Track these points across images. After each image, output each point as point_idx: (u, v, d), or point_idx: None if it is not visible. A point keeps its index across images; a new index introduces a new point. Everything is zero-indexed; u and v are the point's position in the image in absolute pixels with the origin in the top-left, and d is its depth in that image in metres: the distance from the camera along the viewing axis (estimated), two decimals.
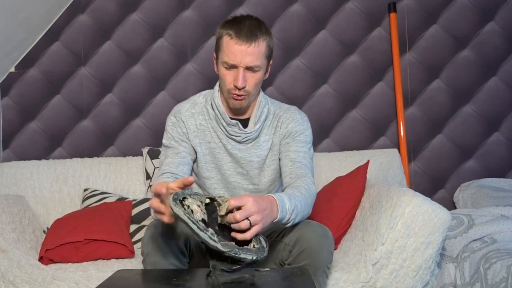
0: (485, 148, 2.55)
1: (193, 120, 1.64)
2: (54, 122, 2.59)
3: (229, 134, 1.61)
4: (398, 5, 2.56)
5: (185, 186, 1.22)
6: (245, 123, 1.63)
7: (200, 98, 1.68)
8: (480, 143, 2.55)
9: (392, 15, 2.52)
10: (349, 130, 2.57)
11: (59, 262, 1.88)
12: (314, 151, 2.53)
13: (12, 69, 2.59)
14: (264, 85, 2.56)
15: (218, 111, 1.60)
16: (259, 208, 1.22)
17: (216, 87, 1.65)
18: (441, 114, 2.56)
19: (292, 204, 1.36)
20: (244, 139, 1.61)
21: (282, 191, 1.55)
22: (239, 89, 1.51)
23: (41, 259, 1.87)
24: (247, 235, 1.20)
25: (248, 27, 1.49)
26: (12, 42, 2.41)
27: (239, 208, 1.21)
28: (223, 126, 1.61)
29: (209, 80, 2.56)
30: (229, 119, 1.59)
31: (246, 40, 1.47)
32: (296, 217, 1.40)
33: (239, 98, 1.54)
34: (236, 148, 1.62)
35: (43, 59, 2.59)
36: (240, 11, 2.58)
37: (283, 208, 1.33)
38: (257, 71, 1.52)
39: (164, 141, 1.66)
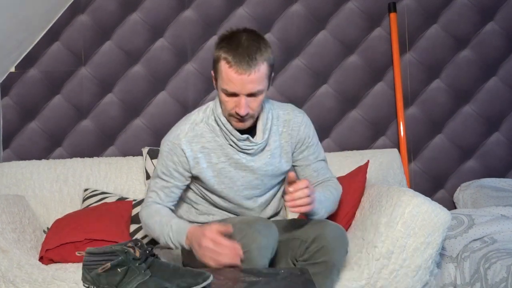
0: (485, 148, 2.55)
1: (194, 145, 1.55)
2: (54, 122, 2.59)
3: (241, 148, 1.54)
4: (398, 5, 2.56)
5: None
6: (250, 132, 1.55)
7: (200, 115, 1.59)
8: (480, 143, 2.55)
9: (392, 15, 2.52)
10: (349, 130, 2.57)
11: (59, 262, 1.88)
12: None
13: (12, 69, 2.59)
14: None
15: (226, 128, 1.52)
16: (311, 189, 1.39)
17: (217, 102, 1.55)
18: (441, 114, 2.56)
19: (324, 201, 1.53)
20: (257, 151, 1.56)
21: None
22: (242, 116, 1.45)
23: (41, 259, 1.87)
24: (302, 209, 1.37)
25: (247, 51, 1.38)
26: (12, 42, 2.41)
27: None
28: (234, 142, 1.53)
29: (209, 80, 2.56)
30: (239, 135, 1.51)
31: (246, 68, 1.37)
32: (326, 213, 1.55)
33: (242, 120, 1.47)
34: (251, 160, 1.56)
35: (43, 59, 2.59)
36: (240, 11, 2.58)
37: (320, 204, 1.48)
38: (259, 95, 1.45)
39: (158, 166, 1.60)
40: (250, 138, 1.52)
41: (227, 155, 1.55)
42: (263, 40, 1.44)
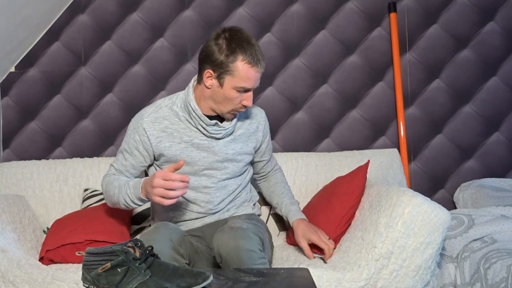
0: (485, 148, 2.55)
1: (157, 125, 1.69)
2: (54, 122, 2.59)
3: (210, 133, 1.67)
4: (398, 5, 2.56)
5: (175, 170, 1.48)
6: (218, 119, 1.70)
7: (165, 101, 1.73)
8: (480, 143, 2.55)
9: (392, 15, 2.52)
10: (349, 130, 2.57)
11: (59, 263, 1.88)
12: (314, 151, 2.55)
13: (12, 69, 2.59)
14: (264, 85, 2.56)
15: (196, 114, 1.65)
16: (316, 230, 1.79)
17: (190, 90, 1.68)
18: (441, 114, 2.56)
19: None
20: (224, 136, 1.70)
21: (264, 176, 2.00)
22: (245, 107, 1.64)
23: (41, 259, 1.87)
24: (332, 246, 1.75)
25: (259, 51, 1.58)
26: (12, 42, 2.41)
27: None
28: (203, 127, 1.67)
29: None
30: (209, 121, 1.65)
31: (261, 66, 1.58)
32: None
33: (239, 112, 1.68)
34: (214, 143, 1.70)
35: (43, 59, 2.59)
36: (240, 11, 2.58)
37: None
38: None
39: (123, 142, 1.76)
40: (219, 123, 1.67)
41: (190, 137, 1.69)
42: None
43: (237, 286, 1.14)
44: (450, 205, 2.51)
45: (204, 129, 1.67)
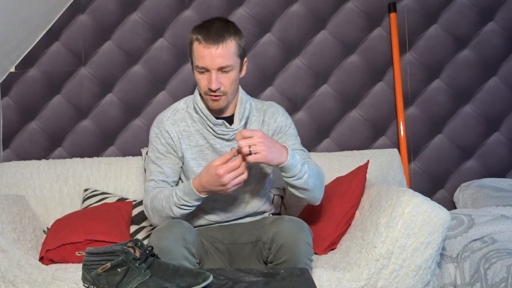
0: (485, 148, 2.55)
1: (176, 127, 1.67)
2: (54, 122, 2.59)
3: (217, 133, 1.63)
4: (398, 5, 2.56)
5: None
6: (229, 121, 1.65)
7: (181, 104, 1.71)
8: (480, 143, 2.55)
9: (392, 15, 2.52)
10: (349, 130, 2.57)
11: (59, 263, 1.88)
12: (314, 151, 2.54)
13: (12, 69, 2.59)
14: (264, 85, 2.56)
15: (203, 113, 1.63)
16: (264, 140, 1.42)
17: (197, 91, 1.68)
18: (441, 114, 2.56)
19: (302, 161, 1.53)
20: (232, 137, 1.64)
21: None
22: (214, 91, 1.54)
23: (41, 259, 1.87)
24: (249, 158, 1.41)
25: (215, 30, 1.52)
26: (12, 42, 2.41)
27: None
28: (210, 127, 1.64)
29: None
30: (215, 120, 1.62)
31: (213, 42, 1.50)
32: (309, 178, 1.54)
33: (216, 98, 1.57)
34: (225, 146, 1.65)
35: (43, 59, 2.59)
36: (240, 11, 2.58)
37: (293, 157, 1.50)
38: (229, 71, 1.55)
39: (149, 154, 1.69)
40: (226, 123, 1.62)
41: (205, 138, 1.65)
42: (233, 25, 1.58)
43: (237, 286, 1.14)
44: (450, 205, 2.51)
45: (212, 129, 1.64)
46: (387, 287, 1.62)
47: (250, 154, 1.42)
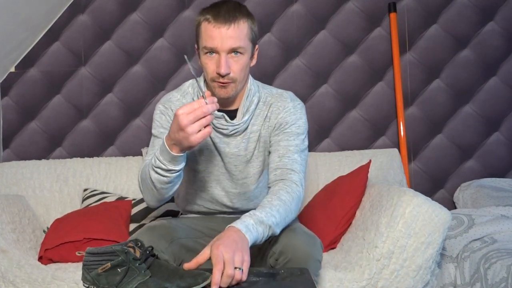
0: (485, 148, 2.55)
1: None
2: (54, 122, 2.59)
3: (216, 127, 1.50)
4: (398, 5, 2.56)
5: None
6: (233, 114, 1.51)
7: (189, 88, 1.57)
8: (480, 143, 2.55)
9: (392, 15, 2.52)
10: (349, 130, 2.57)
11: (58, 262, 1.88)
12: (314, 151, 2.54)
13: (12, 69, 2.59)
14: None
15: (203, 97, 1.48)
16: (228, 249, 1.12)
17: (202, 77, 1.55)
18: (441, 114, 2.56)
19: (268, 220, 1.27)
20: (232, 132, 1.51)
21: (267, 186, 1.51)
22: (223, 76, 1.39)
23: (40, 258, 1.87)
24: (244, 277, 1.13)
25: (227, 9, 1.39)
26: (12, 42, 2.40)
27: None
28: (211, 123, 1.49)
29: None
30: (216, 112, 1.46)
31: (225, 21, 1.37)
32: (277, 227, 1.30)
33: (224, 85, 1.41)
34: (223, 142, 1.53)
35: (43, 59, 2.59)
36: None
37: (248, 229, 1.22)
38: (241, 53, 1.41)
39: (152, 130, 1.55)
40: (226, 116, 1.48)
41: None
42: (245, 7, 1.45)
43: (237, 286, 1.13)
44: (450, 205, 2.51)
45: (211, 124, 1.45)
46: (388, 287, 1.62)
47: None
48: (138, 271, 1.12)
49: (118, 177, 2.34)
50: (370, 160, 2.03)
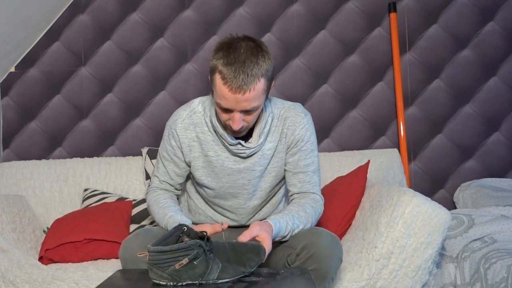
0: (485, 148, 2.55)
1: (189, 132, 1.55)
2: (54, 122, 2.59)
3: (233, 152, 1.52)
4: (398, 5, 2.56)
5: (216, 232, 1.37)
6: (248, 133, 1.51)
7: (199, 107, 1.56)
8: (480, 143, 2.55)
9: (392, 15, 2.52)
10: (349, 130, 2.57)
11: (59, 262, 1.88)
12: None
13: (12, 69, 2.59)
14: None
15: (218, 132, 1.50)
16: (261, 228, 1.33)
17: (212, 101, 1.52)
18: (441, 114, 2.56)
19: (293, 225, 1.45)
20: (250, 154, 1.53)
21: (289, 201, 1.60)
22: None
23: (41, 258, 1.87)
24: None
25: (243, 67, 1.31)
26: (12, 42, 2.41)
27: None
28: (225, 146, 1.52)
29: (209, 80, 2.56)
30: (230, 140, 1.49)
31: (240, 87, 1.31)
32: (291, 233, 1.46)
33: (237, 133, 1.45)
34: (239, 162, 1.55)
35: (43, 59, 2.59)
36: (240, 11, 2.58)
37: (277, 229, 1.40)
38: (255, 111, 1.40)
39: (160, 148, 1.63)
40: (242, 143, 1.49)
41: (218, 151, 1.54)
42: (262, 51, 1.37)
43: (237, 286, 1.14)
44: (450, 205, 2.51)
45: (227, 147, 1.52)
46: (386, 287, 1.62)
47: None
48: (212, 261, 1.16)
49: (118, 177, 2.34)
50: (369, 160, 2.03)
